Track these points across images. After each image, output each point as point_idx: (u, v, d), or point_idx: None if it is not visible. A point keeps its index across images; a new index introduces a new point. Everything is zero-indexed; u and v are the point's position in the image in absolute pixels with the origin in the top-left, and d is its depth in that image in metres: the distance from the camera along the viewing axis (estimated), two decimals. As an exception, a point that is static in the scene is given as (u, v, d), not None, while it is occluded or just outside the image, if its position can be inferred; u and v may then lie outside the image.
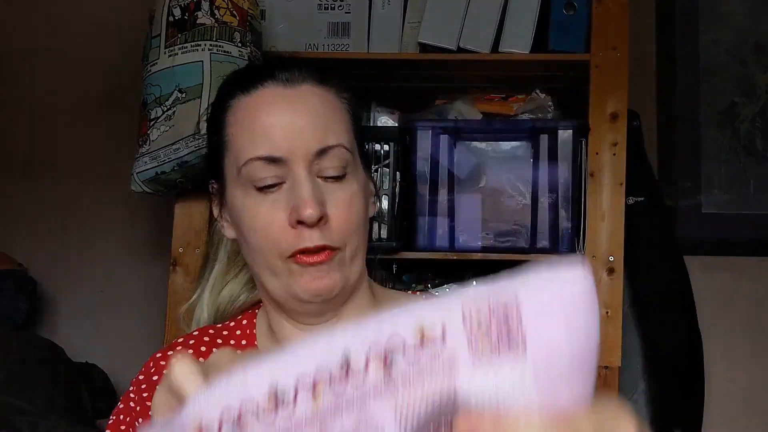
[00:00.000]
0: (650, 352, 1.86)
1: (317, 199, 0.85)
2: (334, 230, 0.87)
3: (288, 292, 0.89)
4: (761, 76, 2.23)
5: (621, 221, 1.70)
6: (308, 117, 0.88)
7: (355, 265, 0.90)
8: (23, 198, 2.33)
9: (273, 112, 0.88)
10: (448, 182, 1.75)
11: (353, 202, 0.88)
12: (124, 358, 2.23)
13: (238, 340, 0.97)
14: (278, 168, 0.86)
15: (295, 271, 0.87)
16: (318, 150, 0.86)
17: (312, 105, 0.89)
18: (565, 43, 1.76)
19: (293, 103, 0.88)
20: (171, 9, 1.65)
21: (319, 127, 0.87)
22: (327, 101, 0.90)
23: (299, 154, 0.86)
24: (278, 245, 0.87)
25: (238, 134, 0.90)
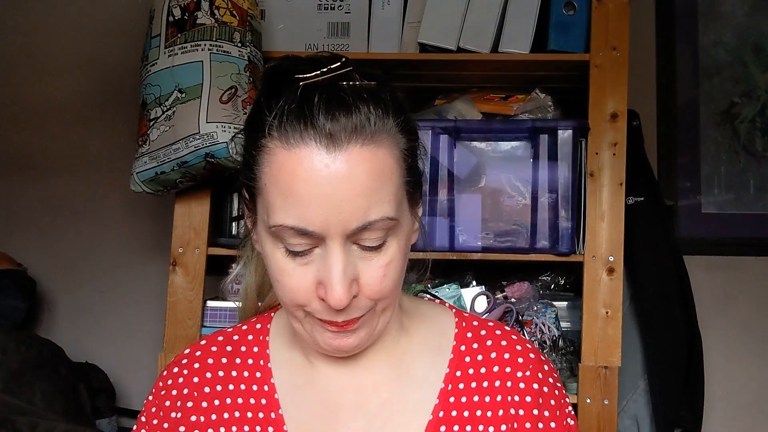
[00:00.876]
0: (650, 351, 1.86)
1: (348, 281, 0.78)
2: (363, 300, 0.80)
3: (310, 339, 0.85)
4: (761, 76, 2.23)
5: (621, 221, 1.70)
6: (350, 191, 0.76)
7: (385, 315, 0.84)
8: (23, 198, 2.33)
9: (310, 182, 0.76)
10: (448, 182, 1.75)
11: (390, 266, 0.80)
12: (124, 358, 2.24)
13: (249, 347, 0.94)
14: (312, 240, 0.78)
15: (317, 324, 0.82)
16: (357, 228, 0.77)
17: (356, 175, 0.76)
18: (565, 43, 1.76)
19: (335, 174, 0.76)
20: (171, 9, 1.65)
21: (361, 203, 0.77)
22: (375, 164, 0.78)
23: (335, 231, 0.77)
24: (303, 307, 0.81)
25: (272, 191, 0.79)
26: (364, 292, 0.80)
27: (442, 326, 0.94)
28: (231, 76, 1.61)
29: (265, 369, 0.92)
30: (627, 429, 1.88)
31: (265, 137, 0.79)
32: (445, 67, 1.85)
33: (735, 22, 2.25)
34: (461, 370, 0.90)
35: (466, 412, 0.87)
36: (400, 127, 0.83)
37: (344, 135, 0.77)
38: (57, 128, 2.35)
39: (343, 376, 0.90)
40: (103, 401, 2.04)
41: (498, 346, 0.91)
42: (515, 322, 1.73)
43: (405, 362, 0.91)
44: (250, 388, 0.91)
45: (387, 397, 0.89)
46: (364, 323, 0.83)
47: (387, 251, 0.80)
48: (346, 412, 0.89)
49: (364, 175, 0.77)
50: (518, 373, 0.89)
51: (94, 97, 2.35)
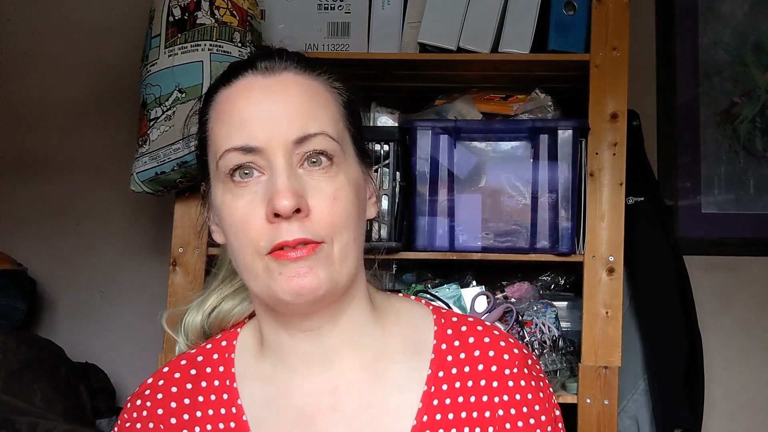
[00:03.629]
0: (650, 351, 1.86)
1: (293, 189, 0.79)
2: (315, 222, 0.80)
3: (269, 293, 0.82)
4: (761, 76, 2.23)
5: (621, 221, 1.70)
6: (287, 105, 0.82)
7: (345, 265, 0.83)
8: (23, 198, 2.33)
9: (250, 101, 0.83)
10: (448, 182, 1.75)
11: (339, 195, 0.82)
12: (124, 358, 2.24)
13: (214, 367, 0.92)
14: (256, 158, 0.81)
15: (274, 270, 0.80)
16: (297, 138, 0.81)
17: (292, 92, 0.83)
18: (565, 43, 1.76)
19: (272, 91, 0.83)
20: (171, 9, 1.65)
21: (299, 115, 0.82)
22: (310, 89, 0.85)
23: (277, 143, 0.81)
24: (256, 242, 0.81)
25: (216, 127, 0.85)
26: (314, 215, 0.80)
27: (420, 324, 0.91)
28: (231, 76, 1.61)
29: (232, 390, 0.89)
30: (627, 429, 1.88)
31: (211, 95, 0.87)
32: (445, 67, 1.85)
33: (735, 22, 2.25)
34: (444, 370, 0.87)
35: (450, 414, 0.85)
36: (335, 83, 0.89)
37: (279, 65, 0.85)
38: (57, 128, 2.35)
39: (316, 378, 0.87)
40: (103, 401, 2.03)
41: (481, 344, 0.89)
42: (515, 322, 1.73)
43: (382, 364, 0.88)
44: (218, 413, 0.88)
45: (365, 401, 0.86)
46: (322, 264, 0.81)
47: (335, 179, 0.82)
48: (322, 418, 0.86)
49: (299, 95, 0.84)
50: (505, 371, 0.87)
51: (94, 97, 2.35)
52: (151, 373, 0.95)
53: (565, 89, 1.86)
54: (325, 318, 0.86)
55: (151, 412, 0.90)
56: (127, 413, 0.91)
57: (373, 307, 0.91)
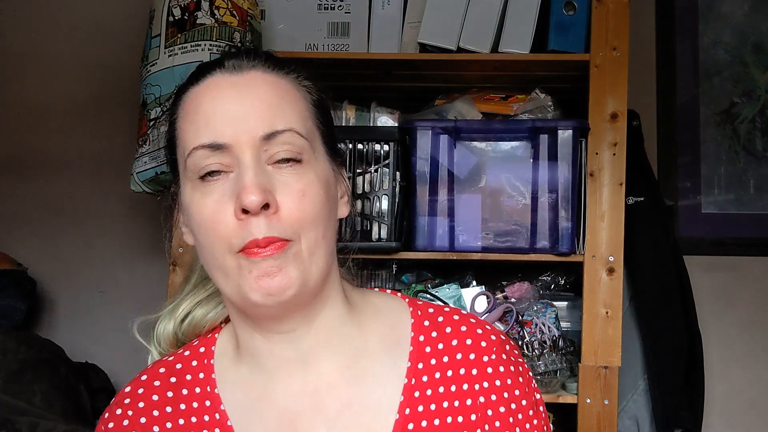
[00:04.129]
0: (650, 351, 1.86)
1: (261, 185, 0.78)
2: (284, 220, 0.79)
3: (239, 294, 0.81)
4: (761, 76, 2.23)
5: (621, 221, 1.70)
6: (254, 102, 0.82)
7: (314, 263, 0.82)
8: (23, 198, 2.33)
9: (217, 99, 0.83)
10: (448, 182, 1.75)
11: (308, 192, 0.81)
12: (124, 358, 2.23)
13: (194, 374, 0.91)
14: (224, 156, 0.80)
15: (244, 268, 0.79)
16: (264, 135, 0.80)
17: (260, 90, 0.83)
18: (565, 43, 1.76)
19: (239, 89, 0.83)
20: (171, 9, 1.65)
21: (266, 112, 0.82)
22: (278, 86, 0.85)
23: (244, 140, 0.80)
24: (226, 240, 0.80)
25: (184, 126, 0.85)
26: (283, 211, 0.80)
27: (397, 317, 0.91)
28: (231, 76, 1.61)
29: (213, 396, 0.88)
30: (627, 429, 1.88)
31: (179, 96, 0.87)
32: (445, 67, 1.85)
33: (735, 22, 2.25)
34: (423, 362, 0.87)
35: (432, 405, 0.85)
36: (304, 82, 0.88)
37: (246, 64, 0.85)
38: (57, 128, 2.35)
39: (296, 381, 0.86)
40: (103, 401, 2.03)
41: (458, 333, 0.89)
42: (515, 322, 1.73)
43: (361, 361, 0.88)
44: (201, 420, 0.87)
45: (346, 399, 0.86)
46: (291, 262, 0.80)
47: (303, 176, 0.82)
48: (305, 419, 0.85)
49: (267, 90, 0.83)
50: (483, 358, 0.87)
51: (94, 97, 2.35)
52: None
53: (565, 89, 1.86)
54: (299, 321, 0.85)
55: (133, 421, 0.89)
56: (104, 425, 0.89)
57: (349, 305, 0.90)
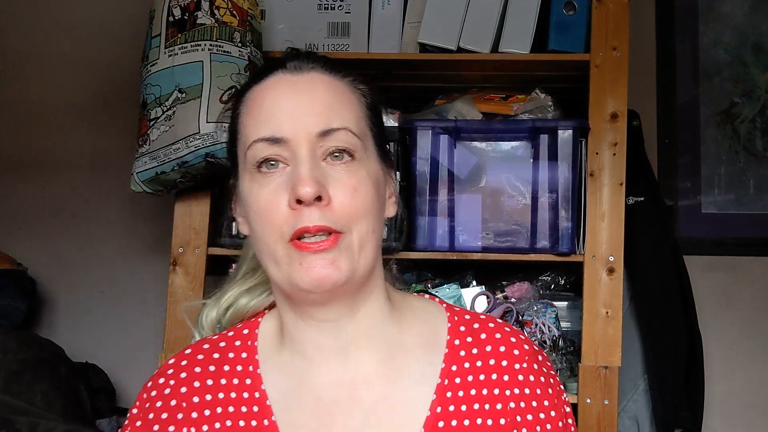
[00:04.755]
0: (650, 351, 1.86)
1: (315, 177, 0.83)
2: (336, 212, 0.83)
3: (289, 282, 0.85)
4: (761, 76, 2.23)
5: (621, 221, 1.70)
6: (313, 100, 0.87)
7: (363, 256, 0.86)
8: (23, 198, 2.33)
9: (278, 96, 0.88)
10: (448, 182, 1.75)
11: (359, 188, 0.85)
12: (124, 358, 2.24)
13: (237, 353, 0.93)
14: (281, 150, 0.85)
15: (295, 258, 0.83)
16: (321, 131, 0.85)
17: (318, 89, 0.88)
18: (565, 43, 1.76)
19: (299, 87, 0.88)
20: (171, 9, 1.65)
21: (323, 110, 0.86)
22: (335, 87, 0.89)
23: (301, 135, 0.85)
24: (279, 228, 0.83)
25: (246, 121, 0.89)
26: (335, 205, 0.84)
27: (434, 321, 0.94)
28: (231, 76, 1.61)
29: (255, 375, 0.91)
30: (627, 429, 1.88)
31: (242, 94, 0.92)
32: (445, 67, 1.85)
33: (735, 22, 2.25)
34: (457, 364, 0.90)
35: (463, 406, 0.87)
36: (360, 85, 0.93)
37: (307, 65, 0.90)
38: (57, 128, 2.35)
39: (334, 371, 0.89)
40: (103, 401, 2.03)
41: (492, 339, 0.92)
42: (515, 322, 1.73)
43: (398, 358, 0.91)
44: (240, 396, 0.90)
45: (381, 393, 0.88)
46: (342, 254, 0.84)
47: (355, 173, 0.86)
48: (341, 408, 0.88)
49: (324, 92, 0.88)
50: (515, 365, 0.90)
51: (94, 97, 2.35)
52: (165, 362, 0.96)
53: (565, 89, 1.86)
54: (344, 310, 0.89)
55: (175, 390, 0.91)
56: (147, 392, 0.92)
57: (390, 303, 0.93)
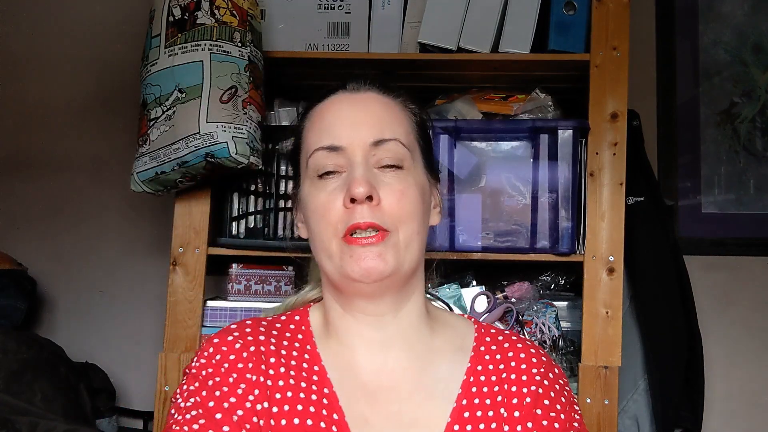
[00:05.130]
0: (650, 351, 1.86)
1: (367, 179, 0.93)
2: (385, 212, 0.94)
3: (341, 272, 0.94)
4: (761, 76, 2.23)
5: (621, 221, 1.70)
6: (367, 114, 0.99)
7: (409, 253, 0.96)
8: (23, 198, 2.33)
9: (338, 111, 1.00)
10: (448, 182, 1.75)
11: (406, 192, 0.96)
12: (124, 358, 2.24)
13: (293, 334, 1.01)
14: (339, 157, 0.96)
15: (346, 252, 0.93)
16: (374, 141, 0.96)
17: (373, 106, 1.00)
18: (565, 43, 1.76)
19: (355, 104, 1.00)
20: (171, 9, 1.65)
21: (376, 122, 0.98)
22: (388, 105, 1.01)
23: (357, 143, 0.96)
24: (334, 225, 0.94)
25: (309, 134, 1.01)
26: (384, 205, 0.94)
27: (464, 331, 1.06)
28: (231, 76, 1.61)
29: (314, 353, 0.99)
30: (627, 429, 1.88)
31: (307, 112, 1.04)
32: (445, 67, 1.85)
33: (735, 22, 2.25)
34: (482, 365, 1.01)
35: (487, 399, 0.97)
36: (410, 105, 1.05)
37: (364, 87, 1.02)
38: (57, 128, 2.35)
39: (377, 360, 0.99)
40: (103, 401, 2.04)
41: (515, 348, 1.03)
42: (515, 322, 1.73)
43: (429, 358, 1.00)
44: (300, 366, 0.97)
45: (415, 385, 0.98)
46: (390, 249, 0.94)
47: (404, 180, 0.97)
48: (383, 394, 0.96)
49: (378, 108, 1.00)
50: (533, 369, 1.00)
51: (94, 97, 2.35)
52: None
53: (565, 89, 1.86)
54: (389, 306, 0.99)
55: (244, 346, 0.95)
56: (213, 347, 0.95)
57: (426, 311, 1.04)
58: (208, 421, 0.88)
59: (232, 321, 1.60)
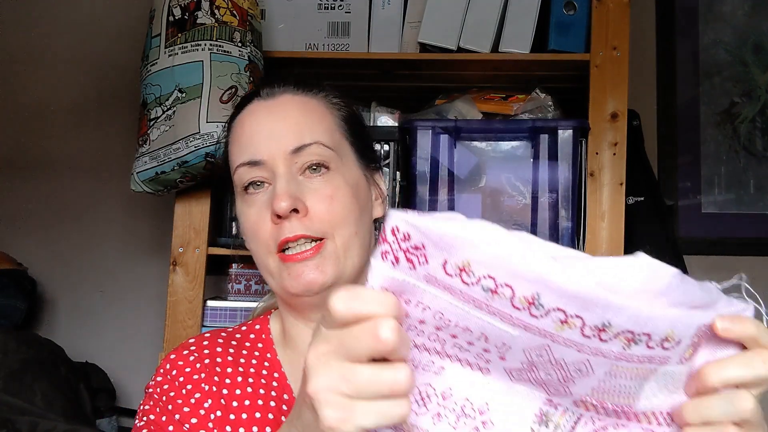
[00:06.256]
0: (650, 352, 1.86)
1: (290, 192, 0.90)
2: (315, 220, 0.91)
3: (283, 289, 0.93)
4: (761, 76, 2.23)
5: (621, 221, 1.70)
6: (284, 121, 0.94)
7: (349, 258, 0.92)
8: (23, 198, 2.33)
9: (254, 122, 0.96)
10: (448, 182, 1.75)
11: (336, 195, 0.92)
12: (124, 358, 2.24)
13: (253, 343, 1.00)
14: (261, 171, 0.93)
15: (284, 269, 0.91)
16: (293, 149, 0.92)
17: (289, 110, 0.95)
18: (565, 43, 1.76)
19: (271, 111, 0.96)
20: (171, 9, 1.65)
21: (294, 129, 0.93)
22: (306, 105, 0.96)
23: (277, 154, 0.92)
24: (266, 242, 0.92)
25: (232, 148, 0.98)
26: (313, 213, 0.91)
27: None
28: (231, 76, 1.61)
29: (274, 360, 0.98)
30: (627, 429, 1.88)
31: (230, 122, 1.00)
32: (445, 67, 1.85)
33: (735, 22, 2.25)
34: None
35: None
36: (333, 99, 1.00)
37: (278, 89, 0.98)
38: (57, 128, 2.35)
39: None
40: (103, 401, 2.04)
41: None
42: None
43: None
44: (260, 374, 0.96)
45: None
46: (327, 260, 0.90)
47: (331, 182, 0.93)
48: None
49: (296, 111, 0.95)
50: None
51: (94, 97, 2.35)
52: None
53: (565, 89, 1.86)
54: None
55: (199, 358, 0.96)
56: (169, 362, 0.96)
57: None
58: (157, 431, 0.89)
59: (232, 321, 1.61)
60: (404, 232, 0.54)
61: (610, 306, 0.53)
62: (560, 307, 0.53)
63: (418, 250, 0.55)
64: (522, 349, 0.57)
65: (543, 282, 0.53)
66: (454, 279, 0.54)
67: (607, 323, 0.54)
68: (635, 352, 0.55)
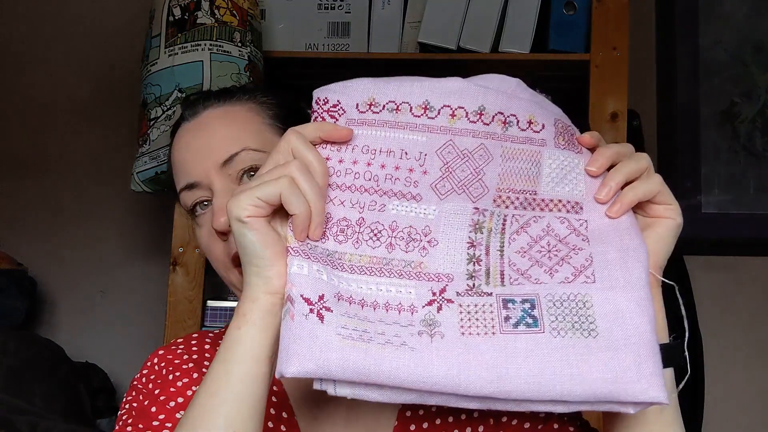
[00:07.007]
0: (650, 352, 1.86)
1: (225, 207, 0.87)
2: None
3: None
4: (761, 76, 2.23)
5: (621, 221, 1.70)
6: (210, 137, 0.94)
7: None
8: (23, 198, 2.33)
9: (182, 146, 0.96)
10: (448, 182, 1.75)
11: None
12: (124, 358, 2.23)
13: None
14: (201, 191, 0.94)
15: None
16: (223, 161, 0.92)
17: (212, 125, 0.95)
18: (565, 43, 1.76)
19: (197, 131, 0.96)
20: (171, 9, 1.65)
21: (220, 142, 0.93)
22: (229, 115, 0.96)
23: (209, 172, 0.92)
24: (221, 260, 0.93)
25: (174, 175, 0.99)
26: None
27: None
28: (231, 76, 1.61)
29: None
30: (627, 429, 1.88)
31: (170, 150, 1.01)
32: (445, 67, 1.85)
33: (735, 22, 2.25)
34: None
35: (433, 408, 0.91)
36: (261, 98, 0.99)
37: (201, 107, 0.98)
38: (57, 128, 2.35)
39: None
40: (103, 401, 2.03)
41: None
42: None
43: None
44: None
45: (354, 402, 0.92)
46: None
47: None
48: (326, 410, 0.92)
49: (218, 126, 0.95)
50: None
51: (94, 97, 2.35)
52: None
53: (564, 89, 1.86)
54: None
55: (187, 351, 0.97)
56: (157, 357, 0.98)
57: None
58: (138, 414, 0.90)
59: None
60: (323, 98, 0.74)
61: (480, 92, 0.73)
62: (446, 104, 0.73)
63: (336, 107, 0.73)
64: (435, 152, 0.73)
65: (427, 90, 0.73)
66: (366, 114, 0.73)
67: (482, 107, 0.73)
68: (513, 133, 0.74)
